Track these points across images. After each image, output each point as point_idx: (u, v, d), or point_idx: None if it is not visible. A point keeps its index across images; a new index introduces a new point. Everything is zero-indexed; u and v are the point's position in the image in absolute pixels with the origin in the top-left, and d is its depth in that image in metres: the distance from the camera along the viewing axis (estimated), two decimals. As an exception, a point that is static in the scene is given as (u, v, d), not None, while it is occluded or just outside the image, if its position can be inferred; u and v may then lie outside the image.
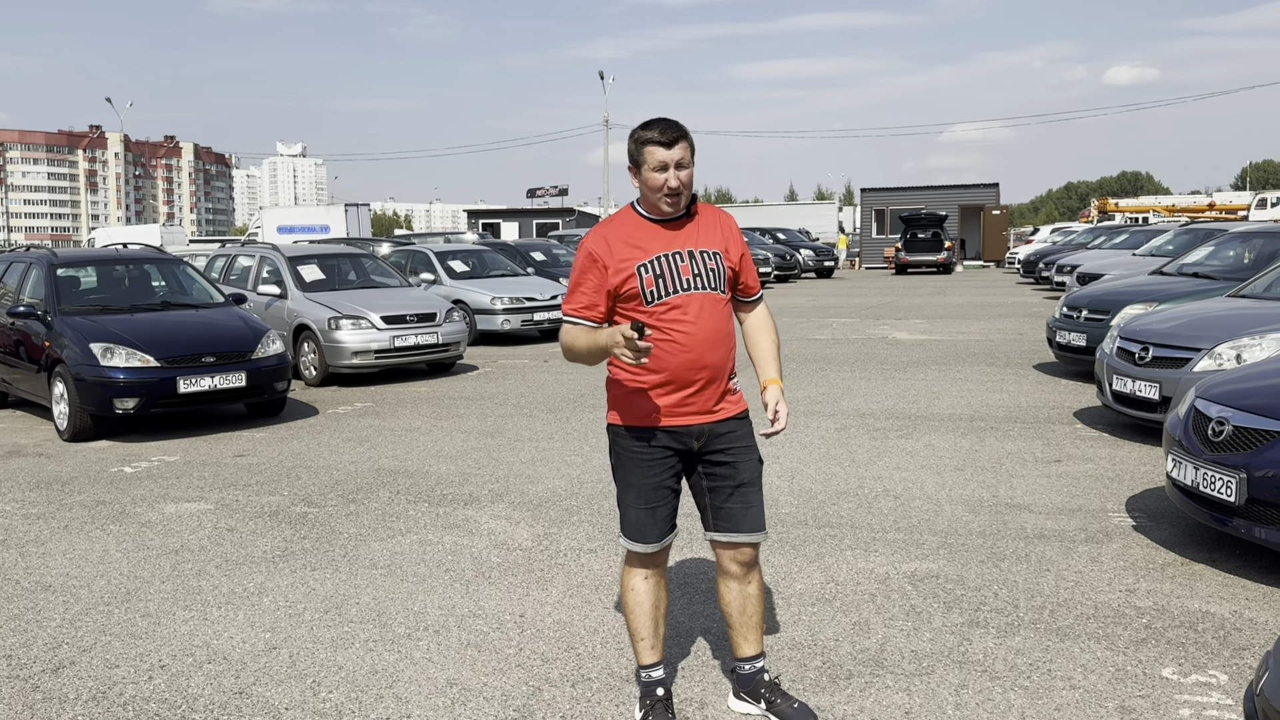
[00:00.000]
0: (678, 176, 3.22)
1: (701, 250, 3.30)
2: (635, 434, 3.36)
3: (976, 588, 4.75)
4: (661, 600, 3.48)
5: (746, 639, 3.55)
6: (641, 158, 3.24)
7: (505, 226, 44.65)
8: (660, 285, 3.25)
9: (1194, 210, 57.52)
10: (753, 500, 3.41)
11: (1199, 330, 7.71)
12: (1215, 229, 16.69)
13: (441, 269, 16.70)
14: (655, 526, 3.37)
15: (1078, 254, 24.01)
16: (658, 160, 3.21)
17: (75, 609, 4.77)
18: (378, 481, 7.11)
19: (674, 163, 3.21)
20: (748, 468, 3.40)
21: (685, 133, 3.26)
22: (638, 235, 3.30)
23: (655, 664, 3.50)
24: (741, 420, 3.42)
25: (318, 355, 11.95)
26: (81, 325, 9.15)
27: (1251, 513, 4.72)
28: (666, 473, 3.37)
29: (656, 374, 3.28)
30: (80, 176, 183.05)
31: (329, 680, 3.93)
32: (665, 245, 3.28)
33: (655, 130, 3.22)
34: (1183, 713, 3.51)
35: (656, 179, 3.23)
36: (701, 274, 3.28)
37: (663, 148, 3.21)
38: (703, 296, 3.28)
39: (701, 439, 3.35)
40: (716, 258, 3.32)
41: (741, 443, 3.40)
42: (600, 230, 3.36)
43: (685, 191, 3.26)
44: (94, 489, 7.10)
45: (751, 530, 3.42)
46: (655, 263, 3.26)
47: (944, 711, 3.57)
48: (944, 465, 7.14)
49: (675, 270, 3.26)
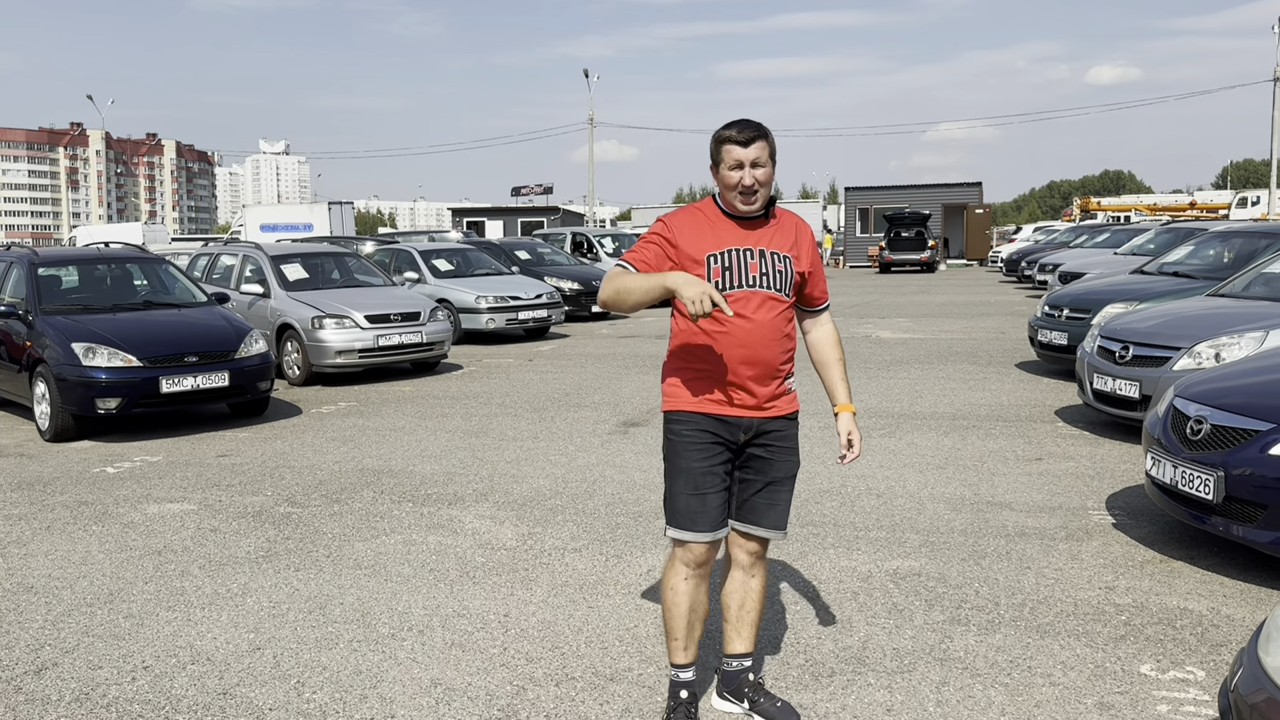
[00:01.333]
0: (753, 175, 3.25)
1: (773, 251, 3.34)
2: (686, 419, 3.37)
3: (958, 585, 4.79)
4: (700, 604, 3.46)
5: (739, 634, 3.57)
6: (719, 155, 3.29)
7: (490, 225, 44.56)
8: (726, 277, 3.29)
9: (1175, 209, 57.93)
10: (779, 499, 3.45)
11: (1178, 329, 7.78)
12: (1195, 228, 16.81)
13: (426, 268, 16.67)
14: (706, 514, 3.34)
15: (1060, 253, 24.14)
16: (734, 158, 3.25)
17: (58, 610, 4.75)
18: (362, 481, 7.11)
19: (749, 161, 3.24)
20: (783, 467, 3.44)
21: (764, 133, 3.29)
22: (714, 225, 3.35)
23: (685, 665, 3.49)
24: (790, 420, 3.45)
25: (301, 355, 11.91)
26: (63, 325, 9.10)
27: (1229, 511, 4.77)
28: (718, 459, 3.36)
29: (709, 363, 3.32)
30: (61, 174, 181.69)
31: (313, 680, 3.93)
32: (738, 240, 3.33)
33: (734, 129, 3.27)
34: (1160, 709, 3.55)
35: (732, 177, 3.27)
36: (769, 274, 3.31)
37: (739, 146, 3.25)
38: (765, 295, 3.30)
39: (749, 433, 3.38)
40: (786, 261, 3.35)
41: (784, 442, 3.43)
42: (680, 211, 3.41)
43: (761, 190, 3.29)
44: (76, 489, 7.07)
45: (772, 527, 3.46)
46: (726, 255, 3.30)
47: (925, 709, 3.60)
48: (926, 464, 7.18)
49: (744, 265, 3.30)
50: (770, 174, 3.30)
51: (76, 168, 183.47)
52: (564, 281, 19.14)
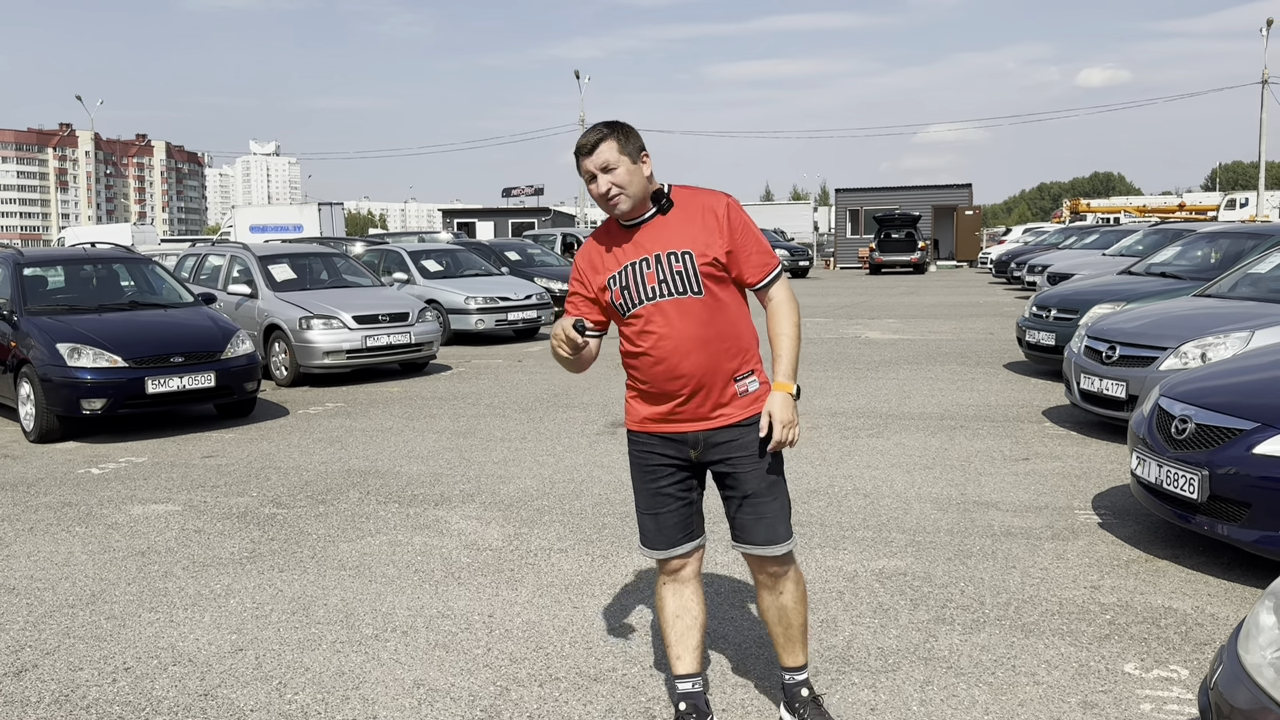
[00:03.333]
0: (608, 180, 3.04)
1: (669, 252, 3.07)
2: (636, 439, 3.29)
3: (943, 585, 4.79)
4: (685, 611, 3.32)
5: (785, 649, 3.38)
6: (580, 169, 3.11)
7: (480, 226, 44.53)
8: (627, 297, 3.12)
9: (1165, 211, 58.13)
10: (764, 511, 3.18)
11: (1165, 329, 7.79)
12: (1183, 229, 16.89)
13: (415, 268, 16.63)
14: (661, 534, 3.26)
15: (1049, 254, 24.23)
16: (585, 170, 3.08)
17: (39, 611, 4.72)
18: (348, 482, 7.08)
19: (598, 168, 3.04)
20: (753, 478, 3.17)
21: (607, 133, 3.05)
22: (612, 244, 3.18)
23: (684, 676, 3.36)
24: (746, 427, 3.16)
25: (288, 355, 11.87)
26: (48, 325, 9.06)
27: (1214, 510, 4.78)
28: (668, 480, 3.24)
29: (643, 381, 3.18)
30: (50, 175, 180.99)
31: (295, 681, 3.91)
32: (633, 252, 3.12)
33: (581, 138, 3.07)
34: (1144, 707, 3.55)
35: (591, 190, 3.08)
36: (667, 279, 3.07)
37: (584, 156, 3.06)
38: (672, 303, 3.07)
39: (698, 448, 3.19)
40: (686, 258, 3.06)
41: (743, 451, 3.16)
42: (586, 243, 3.28)
43: (623, 194, 3.05)
44: (60, 490, 7.03)
45: (766, 542, 3.20)
46: (622, 273, 3.12)
47: (909, 708, 3.59)
48: (914, 464, 7.19)
49: (640, 279, 3.09)
50: (628, 174, 3.04)
51: (65, 169, 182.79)
52: (554, 282, 19.11)
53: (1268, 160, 46.55)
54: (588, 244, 3.28)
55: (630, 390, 3.28)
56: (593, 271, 3.20)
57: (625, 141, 3.07)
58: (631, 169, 3.06)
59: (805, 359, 12.86)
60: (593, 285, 3.21)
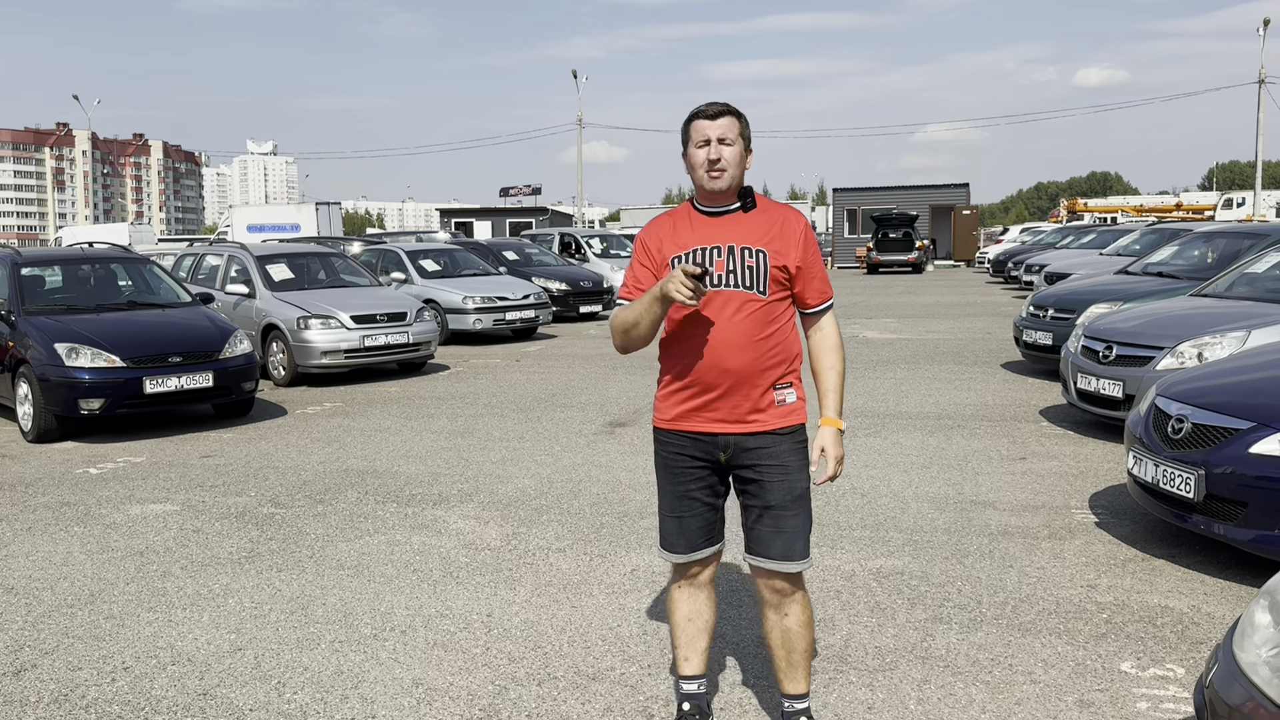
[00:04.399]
0: (719, 150, 3.03)
1: (744, 246, 3.06)
2: (664, 436, 3.21)
3: (940, 584, 4.80)
4: (699, 615, 3.30)
5: (786, 675, 3.27)
6: (688, 134, 3.10)
7: (478, 225, 44.50)
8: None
9: (1162, 210, 58.21)
10: (785, 525, 3.11)
11: (1161, 329, 7.81)
12: (1180, 229, 16.90)
13: (413, 268, 16.63)
14: (683, 537, 3.21)
15: (1046, 254, 24.24)
16: (701, 134, 3.05)
17: (38, 611, 4.72)
18: (346, 482, 7.08)
19: (716, 137, 3.04)
20: (778, 489, 3.10)
21: (734, 110, 3.09)
22: (685, 227, 3.15)
23: (689, 676, 3.35)
24: (779, 436, 3.12)
25: (286, 355, 11.87)
26: (46, 325, 9.05)
27: (1210, 509, 4.79)
28: (694, 482, 3.17)
29: (682, 374, 3.11)
30: (47, 175, 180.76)
31: (294, 681, 3.92)
32: (705, 238, 3.10)
33: (703, 105, 3.09)
34: (1140, 706, 3.57)
35: (698, 155, 3.06)
36: (737, 270, 3.04)
37: (707, 120, 3.05)
38: (733, 295, 3.04)
39: (728, 451, 3.12)
40: (760, 255, 3.05)
41: (773, 460, 3.10)
42: (653, 221, 3.25)
43: (730, 169, 3.05)
44: (58, 490, 7.03)
45: (782, 558, 3.12)
46: (691, 255, 3.08)
47: (906, 706, 3.60)
48: (911, 463, 7.20)
49: (708, 264, 3.06)
50: (740, 154, 3.07)
51: (63, 168, 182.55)
52: (552, 282, 19.12)
53: (1265, 160, 46.60)
54: (655, 223, 3.24)
55: (664, 385, 3.20)
56: (658, 247, 3.16)
57: (744, 127, 3.12)
58: (741, 153, 3.09)
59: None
60: (655, 260, 3.15)
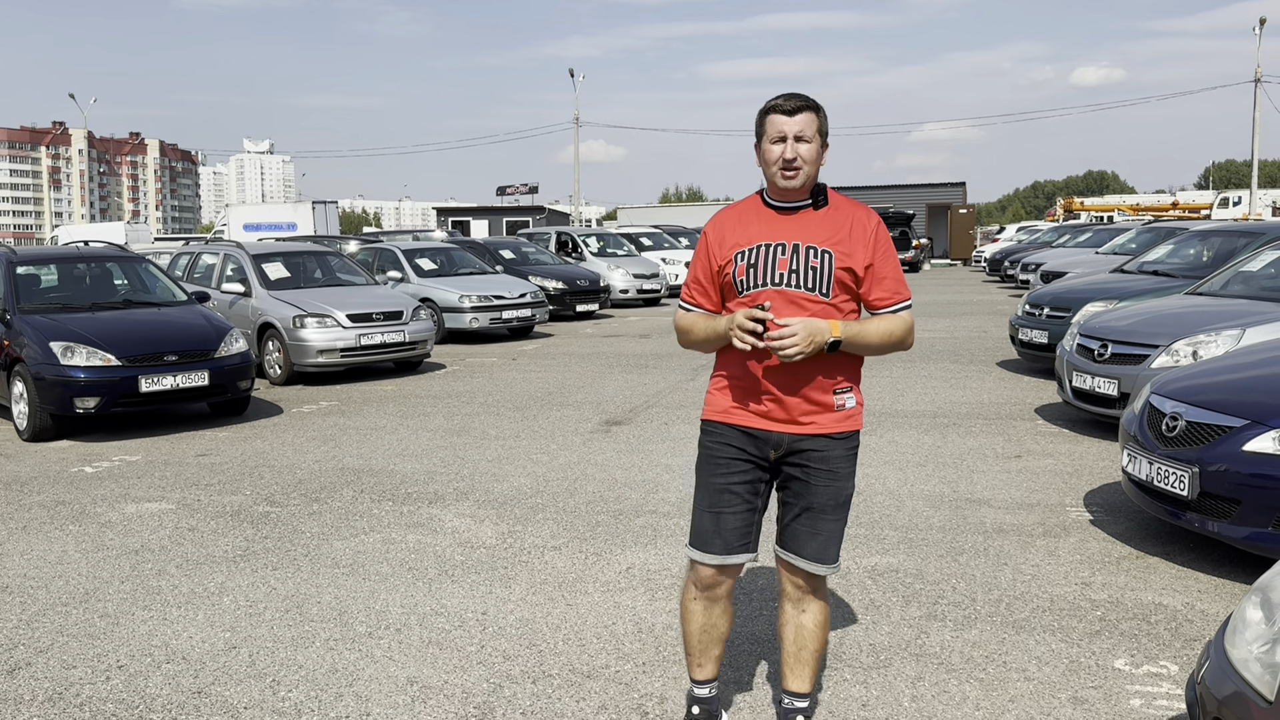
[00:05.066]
0: (795, 149, 2.94)
1: (810, 246, 2.97)
2: (713, 430, 3.13)
3: (935, 581, 4.81)
4: (715, 626, 3.20)
5: (794, 671, 3.23)
6: (763, 128, 3.00)
7: (475, 224, 44.51)
8: (751, 275, 2.99)
9: (1158, 209, 58.27)
10: (822, 528, 3.07)
11: (1156, 327, 7.83)
12: (1176, 227, 16.92)
13: (409, 267, 16.63)
14: (719, 535, 3.07)
15: (1042, 252, 24.27)
16: (777, 130, 2.96)
17: (32, 610, 4.72)
18: (341, 480, 7.08)
19: (794, 134, 2.94)
20: (822, 494, 3.05)
21: (814, 105, 2.99)
22: (751, 221, 3.06)
23: (701, 681, 3.27)
24: (834, 440, 3.05)
25: (282, 354, 11.86)
26: (41, 324, 9.05)
27: (1204, 507, 4.80)
28: (737, 477, 3.08)
29: (739, 369, 3.05)
30: (43, 173, 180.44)
31: (288, 679, 3.92)
32: (771, 234, 3.01)
33: (781, 99, 2.98)
34: (1133, 703, 3.58)
35: (773, 151, 2.97)
36: (800, 270, 2.95)
37: (784, 115, 2.95)
38: (795, 295, 2.95)
39: (780, 449, 3.06)
40: (825, 256, 2.95)
41: (823, 465, 3.04)
42: (720, 213, 3.17)
43: (806, 168, 2.96)
44: (54, 489, 7.03)
45: (814, 559, 3.08)
46: (753, 251, 3.00)
47: (900, 704, 3.61)
48: (906, 461, 7.21)
49: (771, 261, 2.97)
50: (816, 152, 2.97)
51: (59, 167, 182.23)
52: (548, 281, 19.12)
53: (1260, 159, 46.66)
54: (721, 215, 3.15)
55: (718, 379, 3.14)
56: (719, 244, 3.07)
57: (823, 121, 3.01)
58: (818, 151, 3.00)
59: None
60: (716, 257, 3.07)
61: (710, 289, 3.13)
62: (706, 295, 3.13)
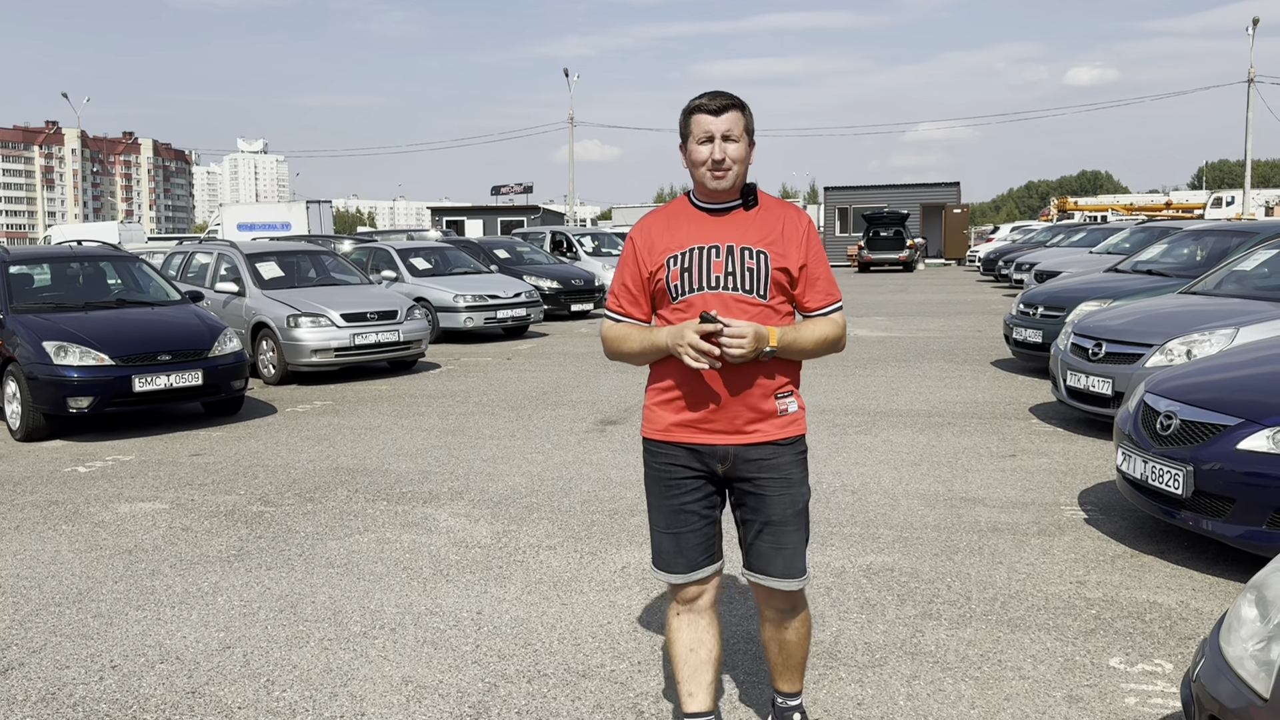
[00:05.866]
0: (723, 149, 2.83)
1: (744, 247, 2.87)
2: (656, 448, 3.00)
3: (930, 580, 4.81)
4: (704, 644, 3.04)
5: (781, 675, 3.21)
6: (688, 128, 2.88)
7: (469, 224, 44.45)
8: (686, 279, 2.87)
9: (1152, 209, 58.37)
10: (785, 541, 2.96)
11: (1150, 327, 7.84)
12: (1169, 227, 16.95)
13: (403, 266, 16.61)
14: (682, 555, 2.98)
15: (1036, 252, 24.30)
16: (703, 130, 2.84)
17: (25, 610, 4.70)
18: (336, 480, 7.07)
19: (720, 133, 2.83)
20: (779, 504, 2.95)
21: (740, 104, 2.88)
22: (681, 224, 2.94)
23: (694, 714, 3.03)
24: (782, 446, 2.95)
25: (276, 353, 11.84)
26: (34, 323, 9.02)
27: (1198, 505, 4.81)
28: (692, 495, 2.97)
29: (674, 381, 2.92)
30: (36, 173, 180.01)
31: (283, 679, 3.91)
32: (703, 237, 2.90)
33: (705, 98, 2.87)
34: (1128, 701, 3.58)
35: (700, 151, 2.85)
36: (736, 273, 2.85)
37: (710, 115, 2.84)
38: (731, 299, 2.84)
39: (727, 462, 2.93)
40: (760, 257, 2.86)
41: (774, 473, 2.94)
42: (646, 217, 3.05)
43: (735, 167, 2.86)
44: (46, 489, 7.00)
45: (783, 575, 2.98)
46: (686, 255, 2.88)
47: (895, 702, 3.61)
48: (901, 460, 7.21)
49: (705, 265, 2.86)
50: (745, 151, 2.88)
51: (52, 166, 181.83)
52: (543, 280, 19.11)
53: (1254, 159, 46.78)
54: (647, 220, 3.04)
55: (655, 392, 3.00)
56: (649, 250, 2.95)
57: (749, 120, 2.91)
58: (746, 149, 2.90)
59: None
60: (646, 264, 2.95)
61: (641, 297, 2.99)
62: (637, 304, 3.00)
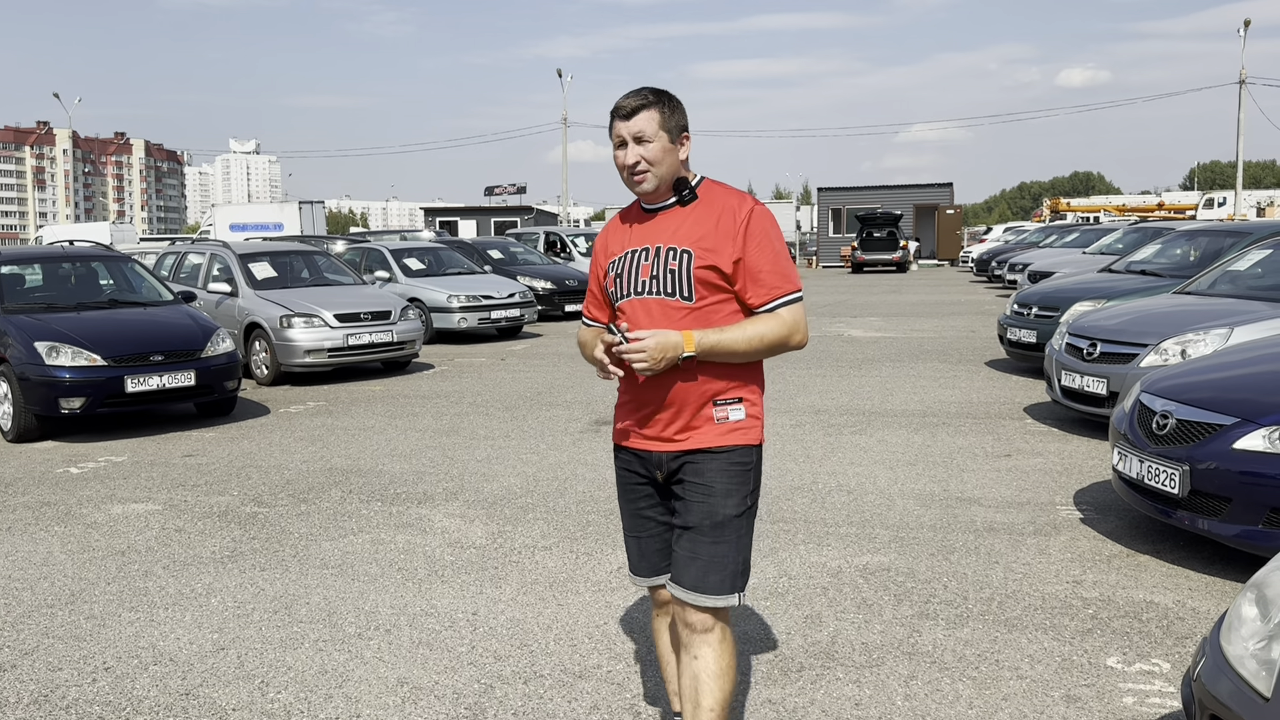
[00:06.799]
0: (637, 152, 2.70)
1: (669, 248, 2.73)
2: (618, 453, 3.00)
3: (927, 580, 4.80)
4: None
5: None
6: (610, 133, 2.78)
7: (463, 224, 44.37)
8: (619, 285, 2.81)
9: (1144, 210, 58.53)
10: (701, 551, 2.75)
11: (1145, 326, 7.84)
12: (1162, 228, 16.99)
13: (397, 267, 16.57)
14: (644, 560, 2.96)
15: (1029, 252, 24.35)
16: (617, 134, 2.74)
17: (17, 612, 4.67)
18: (330, 481, 7.04)
19: (631, 136, 2.70)
20: (697, 511, 2.76)
21: (652, 100, 2.71)
22: (625, 228, 2.88)
23: (681, 714, 3.01)
24: (711, 454, 2.77)
25: (269, 354, 11.80)
26: (26, 324, 8.97)
27: (1194, 504, 4.81)
28: (645, 500, 2.93)
29: (624, 388, 2.90)
30: (28, 174, 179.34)
31: (277, 680, 3.88)
32: (638, 239, 2.81)
33: (621, 98, 2.74)
34: (1126, 700, 3.57)
35: (618, 157, 2.75)
36: (659, 275, 2.73)
37: (621, 119, 2.72)
38: (657, 303, 2.73)
39: (662, 469, 2.85)
40: (684, 257, 2.71)
41: (696, 478, 2.77)
42: (611, 220, 2.99)
43: (653, 169, 2.72)
44: (39, 490, 6.96)
45: (692, 587, 2.75)
46: (620, 259, 2.82)
47: (893, 703, 3.60)
48: (897, 460, 7.20)
49: (634, 270, 2.78)
50: (661, 151, 2.71)
51: (43, 167, 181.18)
52: (537, 281, 19.09)
53: (1245, 159, 46.92)
54: (610, 223, 2.98)
55: (619, 398, 2.97)
56: (603, 254, 2.93)
57: (668, 115, 2.73)
58: (667, 147, 2.72)
59: (788, 356, 12.28)
60: (601, 268, 2.93)
61: (603, 301, 2.97)
62: (601, 308, 2.98)
